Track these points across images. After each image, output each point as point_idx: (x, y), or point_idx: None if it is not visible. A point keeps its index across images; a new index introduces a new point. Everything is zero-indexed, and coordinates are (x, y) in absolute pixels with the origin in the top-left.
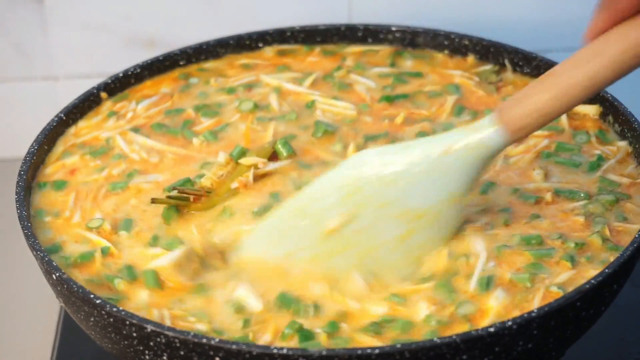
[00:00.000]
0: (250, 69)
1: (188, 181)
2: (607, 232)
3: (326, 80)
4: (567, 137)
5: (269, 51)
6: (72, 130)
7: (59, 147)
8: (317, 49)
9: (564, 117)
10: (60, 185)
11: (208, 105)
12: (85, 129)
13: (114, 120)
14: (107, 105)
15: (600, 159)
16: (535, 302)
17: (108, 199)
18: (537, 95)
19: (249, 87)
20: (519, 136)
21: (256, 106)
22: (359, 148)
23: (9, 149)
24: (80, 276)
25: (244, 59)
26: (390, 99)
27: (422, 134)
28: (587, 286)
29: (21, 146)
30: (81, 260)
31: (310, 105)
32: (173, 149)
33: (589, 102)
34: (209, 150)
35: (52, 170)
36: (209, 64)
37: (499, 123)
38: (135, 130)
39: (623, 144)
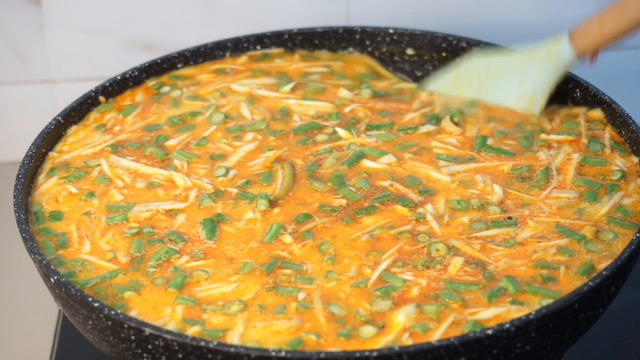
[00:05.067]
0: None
1: None
2: None
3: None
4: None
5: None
6: (58, 147)
7: (47, 165)
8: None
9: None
10: (56, 216)
11: (182, 118)
12: (69, 145)
13: (99, 134)
14: (94, 117)
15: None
16: None
17: (110, 230)
18: (600, 21)
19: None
20: (585, 54)
21: (226, 117)
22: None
23: (7, 153)
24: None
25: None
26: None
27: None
28: (585, 288)
29: (19, 149)
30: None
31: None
32: (157, 171)
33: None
34: (190, 169)
35: (39, 197)
36: (184, 72)
37: (571, 42)
38: (116, 147)
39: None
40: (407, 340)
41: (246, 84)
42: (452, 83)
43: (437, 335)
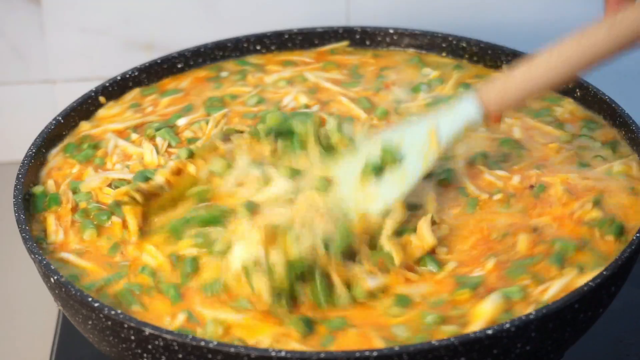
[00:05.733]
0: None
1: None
2: None
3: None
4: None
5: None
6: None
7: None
8: None
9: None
10: (55, 200)
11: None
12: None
13: (131, 112)
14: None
15: None
16: None
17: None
18: (511, 79)
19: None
20: (491, 114)
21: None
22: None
23: (7, 153)
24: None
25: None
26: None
27: None
28: (585, 288)
29: (19, 149)
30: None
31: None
32: (136, 150)
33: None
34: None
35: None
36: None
37: (479, 103)
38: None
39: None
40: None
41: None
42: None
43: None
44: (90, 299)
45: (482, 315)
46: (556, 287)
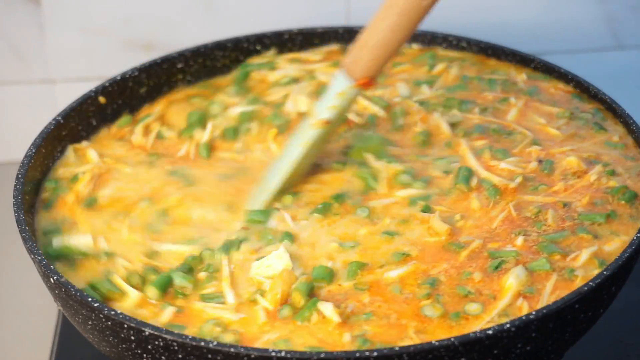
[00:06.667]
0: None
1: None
2: None
3: None
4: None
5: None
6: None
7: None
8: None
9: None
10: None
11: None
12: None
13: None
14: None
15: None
16: None
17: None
18: (366, 48)
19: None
20: (362, 80)
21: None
22: None
23: (7, 153)
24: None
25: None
26: None
27: None
28: (586, 288)
29: (19, 149)
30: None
31: None
32: None
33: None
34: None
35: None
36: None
37: (346, 75)
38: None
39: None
40: (522, 305)
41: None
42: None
43: (545, 295)
44: (90, 299)
45: (509, 289)
46: (586, 253)
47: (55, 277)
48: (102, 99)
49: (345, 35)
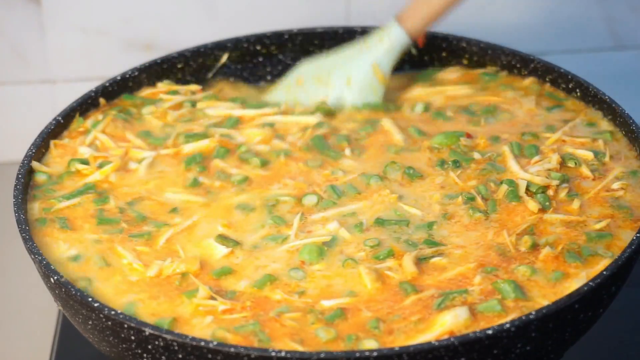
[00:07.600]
0: None
1: None
2: None
3: None
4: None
5: None
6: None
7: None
8: None
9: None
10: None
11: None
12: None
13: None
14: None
15: None
16: None
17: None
18: (428, 4)
19: None
20: (416, 33)
21: None
22: None
23: (7, 153)
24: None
25: None
26: None
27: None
28: (586, 288)
29: (19, 149)
30: None
31: None
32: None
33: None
34: None
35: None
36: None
37: (400, 25)
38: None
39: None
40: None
41: None
42: (286, 91)
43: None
44: (90, 299)
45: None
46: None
47: (55, 277)
48: (102, 100)
49: (345, 35)
